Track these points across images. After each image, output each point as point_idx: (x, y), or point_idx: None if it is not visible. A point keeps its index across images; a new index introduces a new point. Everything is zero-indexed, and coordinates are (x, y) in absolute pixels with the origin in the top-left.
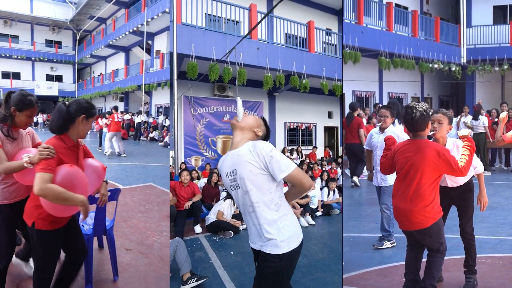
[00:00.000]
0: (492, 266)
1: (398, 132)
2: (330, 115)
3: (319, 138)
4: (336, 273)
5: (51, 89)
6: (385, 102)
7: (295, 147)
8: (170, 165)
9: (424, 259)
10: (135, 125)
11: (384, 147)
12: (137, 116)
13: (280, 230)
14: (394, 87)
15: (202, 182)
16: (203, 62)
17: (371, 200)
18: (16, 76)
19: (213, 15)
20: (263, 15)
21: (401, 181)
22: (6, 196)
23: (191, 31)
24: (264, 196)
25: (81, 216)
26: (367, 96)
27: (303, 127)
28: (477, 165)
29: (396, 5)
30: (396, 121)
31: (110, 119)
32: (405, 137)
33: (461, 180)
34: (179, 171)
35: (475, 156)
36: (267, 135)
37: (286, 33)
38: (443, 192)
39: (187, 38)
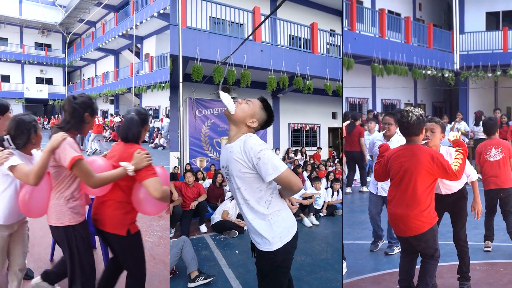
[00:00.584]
0: (486, 273)
1: (403, 142)
2: (334, 115)
3: (324, 139)
4: (339, 271)
5: (41, 92)
6: (378, 109)
7: (299, 148)
8: (176, 166)
9: (418, 266)
10: None
11: (378, 154)
12: None
13: (271, 226)
14: (387, 93)
15: (207, 183)
16: (207, 65)
17: (364, 207)
18: (6, 78)
19: (217, 18)
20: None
21: (396, 187)
22: (81, 211)
23: (196, 34)
24: (254, 194)
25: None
26: (360, 102)
27: (307, 128)
28: (471, 173)
29: (389, 11)
30: None
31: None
32: None
33: (454, 187)
34: (184, 172)
35: (468, 163)
36: (268, 120)
37: (289, 35)
38: (436, 199)
39: (192, 41)
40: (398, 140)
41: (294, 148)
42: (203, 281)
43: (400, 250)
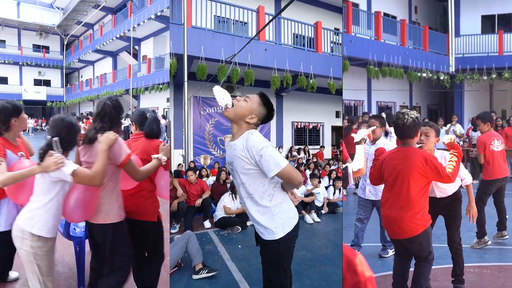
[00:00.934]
0: (480, 275)
1: (389, 145)
2: (337, 114)
3: (327, 137)
4: (338, 266)
5: (39, 94)
6: (374, 111)
7: (302, 147)
8: (180, 164)
9: (412, 269)
10: (123, 128)
11: (374, 158)
12: (125, 120)
13: (273, 217)
14: (382, 96)
15: (211, 180)
16: (211, 64)
17: (356, 210)
18: (3, 80)
19: (222, 17)
20: (271, 17)
21: (390, 190)
22: (123, 207)
23: (200, 34)
24: (258, 188)
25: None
26: (356, 105)
27: (311, 126)
28: (465, 176)
29: (385, 14)
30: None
31: (87, 124)
32: None
33: (449, 191)
34: (186, 170)
35: (463, 167)
36: (269, 115)
37: (293, 33)
38: (431, 202)
39: (196, 41)
40: (384, 142)
41: (297, 147)
42: (206, 274)
43: (394, 252)
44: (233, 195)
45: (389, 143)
